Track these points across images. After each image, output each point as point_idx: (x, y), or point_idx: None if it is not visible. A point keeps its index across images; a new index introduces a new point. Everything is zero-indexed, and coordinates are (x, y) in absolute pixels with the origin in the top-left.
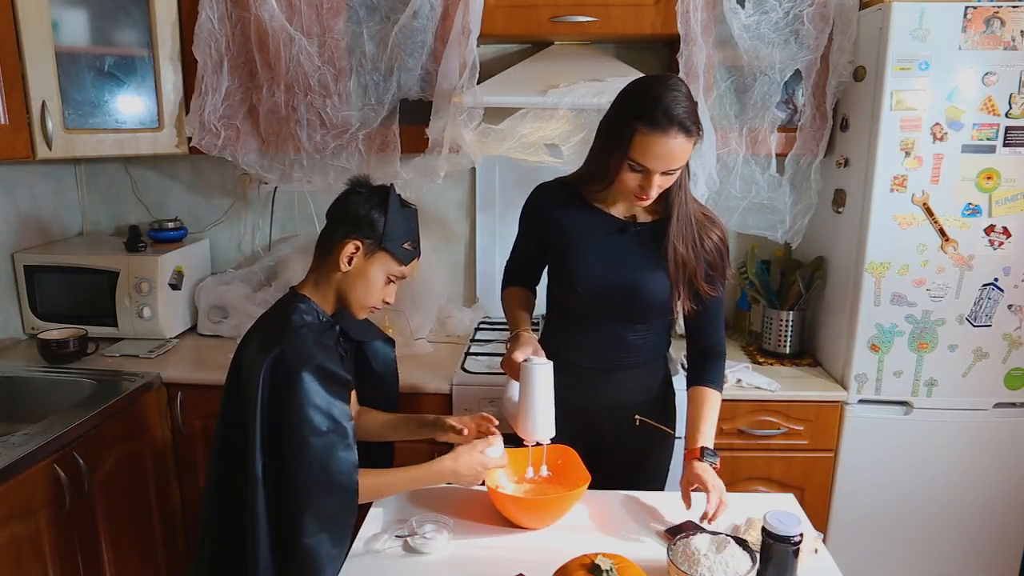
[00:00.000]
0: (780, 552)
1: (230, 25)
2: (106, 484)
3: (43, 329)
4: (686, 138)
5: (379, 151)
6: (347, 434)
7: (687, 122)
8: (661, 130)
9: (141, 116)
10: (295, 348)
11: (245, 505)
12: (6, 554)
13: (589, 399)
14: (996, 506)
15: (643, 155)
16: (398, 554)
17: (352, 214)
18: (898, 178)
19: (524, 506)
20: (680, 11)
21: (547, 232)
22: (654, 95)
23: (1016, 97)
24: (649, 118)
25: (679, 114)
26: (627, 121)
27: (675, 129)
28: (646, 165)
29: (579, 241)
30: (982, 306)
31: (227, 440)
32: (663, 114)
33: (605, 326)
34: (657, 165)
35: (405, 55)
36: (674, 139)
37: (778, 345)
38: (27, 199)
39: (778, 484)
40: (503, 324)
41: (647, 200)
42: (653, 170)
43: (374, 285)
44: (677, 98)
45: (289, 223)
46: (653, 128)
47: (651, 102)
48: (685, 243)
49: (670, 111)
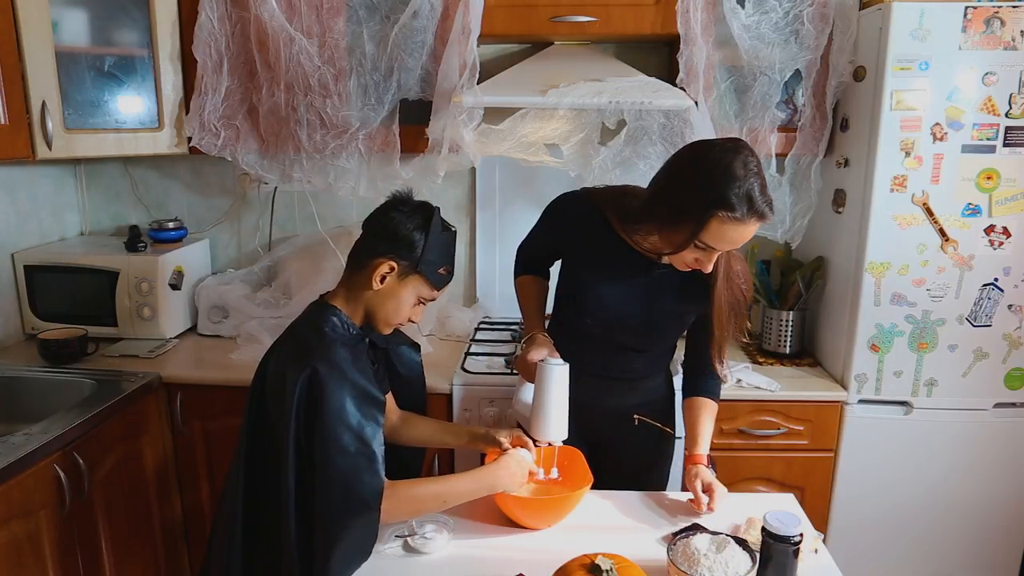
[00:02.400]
0: (780, 552)
1: (230, 25)
2: (106, 484)
3: (43, 329)
4: (759, 221)
5: (379, 151)
6: (375, 458)
7: (766, 210)
8: (742, 219)
9: (141, 116)
10: (330, 364)
11: (280, 514)
12: (6, 554)
13: (590, 400)
14: (996, 506)
15: (717, 240)
16: (398, 554)
17: (391, 232)
18: (898, 178)
19: (527, 506)
20: (680, 11)
21: (567, 247)
22: (734, 178)
23: (1016, 97)
24: (730, 206)
25: (760, 202)
26: (704, 203)
27: (755, 218)
28: (717, 247)
29: (597, 271)
30: (982, 306)
31: (254, 445)
32: (746, 201)
33: (611, 346)
34: (728, 247)
35: (405, 55)
36: (752, 226)
37: (778, 345)
38: (27, 199)
39: (778, 484)
40: (503, 324)
41: (703, 271)
42: (721, 250)
43: (404, 306)
44: (756, 183)
45: (289, 223)
46: (734, 217)
47: (733, 187)
48: (728, 296)
49: (753, 200)
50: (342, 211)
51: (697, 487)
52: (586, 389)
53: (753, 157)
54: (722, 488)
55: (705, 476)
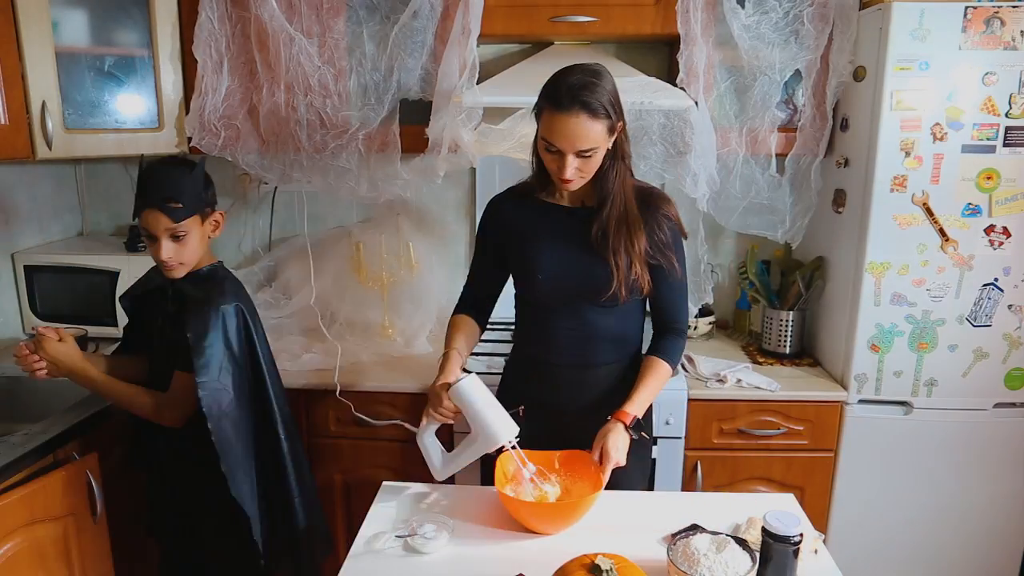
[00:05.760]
0: (780, 552)
1: (230, 25)
2: (106, 484)
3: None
4: (590, 117)
5: (379, 151)
6: None
7: (589, 101)
8: (563, 109)
9: (141, 116)
10: None
11: None
12: (13, 555)
13: (562, 400)
14: (996, 506)
15: (550, 134)
16: (398, 554)
17: None
18: (898, 178)
19: (538, 512)
20: (680, 11)
21: (505, 235)
22: (560, 77)
23: (1016, 97)
24: (552, 98)
25: (579, 94)
26: (538, 104)
27: (576, 108)
28: (555, 143)
29: (534, 233)
30: (982, 306)
31: None
32: (564, 93)
33: (573, 313)
34: (565, 144)
35: (405, 55)
36: (575, 118)
37: (778, 345)
38: (27, 199)
39: (778, 484)
40: (503, 324)
41: (569, 183)
42: (564, 150)
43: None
44: (582, 80)
45: (289, 223)
46: (556, 107)
47: (555, 83)
48: (618, 229)
49: (572, 91)
50: (342, 211)
51: (596, 451)
52: (557, 387)
53: (593, 70)
54: (617, 458)
55: (610, 441)
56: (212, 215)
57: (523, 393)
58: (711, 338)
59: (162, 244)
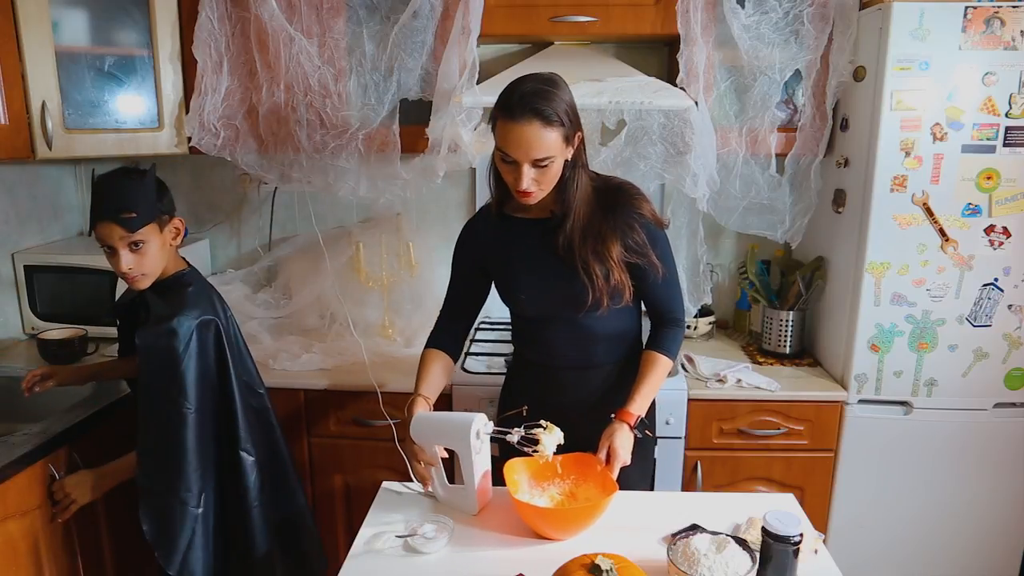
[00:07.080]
0: (780, 552)
1: (230, 25)
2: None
3: (43, 329)
4: (543, 125)
5: (379, 151)
6: None
7: (543, 109)
8: (516, 118)
9: (141, 116)
10: None
11: None
12: (4, 554)
13: (563, 400)
14: (996, 506)
15: (505, 143)
16: (398, 554)
17: None
18: (898, 178)
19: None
20: (680, 11)
21: (484, 255)
22: (514, 86)
23: (1016, 97)
24: (505, 107)
25: (532, 101)
26: (492, 115)
27: (528, 115)
28: (509, 153)
29: (508, 255)
30: (982, 306)
31: None
32: (517, 102)
33: (566, 321)
34: (520, 153)
35: (405, 55)
36: (529, 125)
37: (778, 345)
38: (27, 199)
39: (778, 484)
40: (503, 324)
41: (527, 196)
42: (519, 159)
43: None
44: (535, 87)
45: (289, 223)
46: (509, 116)
47: (509, 92)
48: (584, 240)
49: (524, 99)
50: (342, 211)
51: (603, 450)
52: (558, 387)
53: (547, 79)
54: (624, 458)
55: (617, 440)
56: (171, 222)
57: (526, 394)
58: (711, 338)
59: (121, 256)
